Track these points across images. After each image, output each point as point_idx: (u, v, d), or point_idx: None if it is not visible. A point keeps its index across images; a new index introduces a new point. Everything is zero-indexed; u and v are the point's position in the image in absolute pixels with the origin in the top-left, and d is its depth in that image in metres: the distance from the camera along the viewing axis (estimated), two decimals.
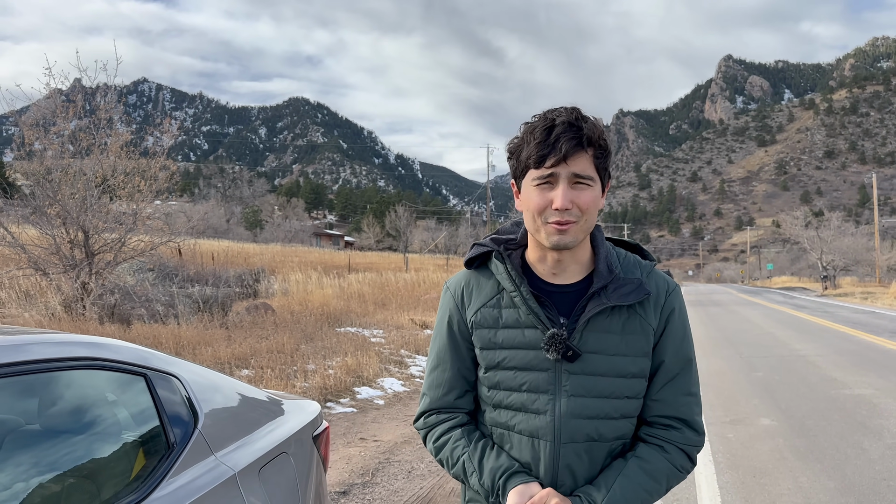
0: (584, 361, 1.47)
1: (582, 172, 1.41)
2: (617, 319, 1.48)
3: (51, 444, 1.85)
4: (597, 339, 1.47)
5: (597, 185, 1.44)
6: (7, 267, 12.53)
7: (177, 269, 16.70)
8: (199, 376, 2.23)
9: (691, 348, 1.55)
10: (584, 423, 1.48)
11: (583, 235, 1.46)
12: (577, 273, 1.52)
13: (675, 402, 1.52)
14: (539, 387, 1.49)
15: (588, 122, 1.42)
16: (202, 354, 9.03)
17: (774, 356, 12.19)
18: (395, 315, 15.55)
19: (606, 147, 1.45)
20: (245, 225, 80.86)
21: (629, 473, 1.46)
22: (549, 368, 1.48)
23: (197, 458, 1.96)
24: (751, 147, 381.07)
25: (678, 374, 1.53)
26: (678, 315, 1.54)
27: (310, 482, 2.50)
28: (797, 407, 7.79)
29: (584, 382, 1.47)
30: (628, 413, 1.51)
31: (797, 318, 21.88)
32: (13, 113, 13.39)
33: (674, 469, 1.51)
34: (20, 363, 1.67)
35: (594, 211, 1.44)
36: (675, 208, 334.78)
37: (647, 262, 1.58)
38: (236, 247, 41.06)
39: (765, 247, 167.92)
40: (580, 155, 1.40)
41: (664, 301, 1.52)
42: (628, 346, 1.48)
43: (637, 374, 1.49)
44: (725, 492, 4.92)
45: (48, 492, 1.71)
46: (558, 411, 1.47)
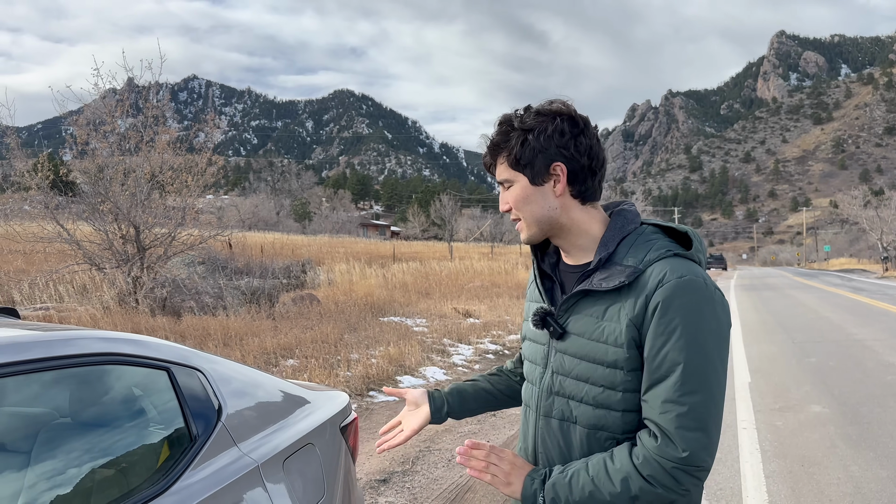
0: (569, 341, 1.49)
1: (501, 179, 1.53)
2: (601, 304, 1.45)
3: (80, 436, 1.91)
4: (581, 321, 1.48)
5: (518, 181, 1.50)
6: (65, 262, 12.99)
7: (226, 262, 17.05)
8: (224, 369, 2.26)
9: (685, 350, 1.34)
10: (559, 399, 1.51)
11: (535, 228, 1.52)
12: (585, 255, 1.54)
13: (656, 408, 1.37)
14: (537, 359, 1.59)
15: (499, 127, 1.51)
16: (249, 345, 9.21)
17: (829, 341, 11.83)
18: (438, 304, 15.59)
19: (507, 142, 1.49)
20: (294, 217, 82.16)
21: (591, 463, 1.42)
22: (545, 343, 1.56)
23: (219, 450, 1.99)
24: (806, 125, 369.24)
25: (664, 378, 1.36)
26: (667, 309, 1.36)
27: (337, 473, 2.52)
28: (851, 393, 7.54)
29: (565, 361, 1.50)
30: (607, 403, 1.44)
31: (855, 302, 21.17)
32: (68, 114, 13.83)
33: (638, 475, 1.36)
34: (47, 359, 1.72)
35: (523, 204, 1.50)
36: (728, 190, 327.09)
37: (664, 250, 1.44)
38: (285, 238, 41.77)
39: (822, 228, 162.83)
40: (497, 165, 1.53)
41: (652, 293, 1.38)
42: (605, 333, 1.43)
43: (613, 365, 1.41)
44: (771, 481, 4.80)
45: (77, 482, 1.77)
46: (543, 385, 1.55)
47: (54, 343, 1.79)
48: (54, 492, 1.71)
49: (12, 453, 1.81)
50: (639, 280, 1.41)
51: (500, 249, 49.39)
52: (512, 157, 1.49)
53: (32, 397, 1.85)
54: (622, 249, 1.47)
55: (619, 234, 1.49)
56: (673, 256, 1.43)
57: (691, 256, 1.46)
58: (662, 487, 1.36)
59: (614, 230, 1.50)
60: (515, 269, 28.07)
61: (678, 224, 1.54)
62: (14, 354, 1.66)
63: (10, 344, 1.71)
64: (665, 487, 1.36)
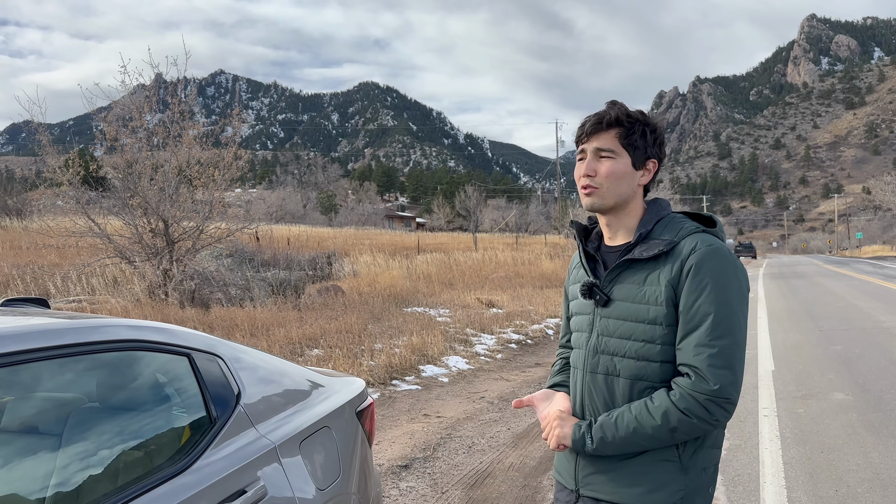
0: (612, 307, 1.76)
1: (602, 146, 1.75)
2: (642, 272, 1.72)
3: (108, 419, 2.02)
4: (624, 288, 1.75)
5: (622, 157, 1.75)
6: (97, 256, 13.30)
7: (254, 255, 17.29)
8: (243, 355, 2.37)
9: (715, 303, 1.63)
10: (603, 357, 1.77)
11: (610, 200, 1.76)
12: (627, 236, 1.81)
13: (690, 352, 1.64)
14: (583, 327, 1.84)
15: (614, 107, 1.77)
16: (275, 335, 9.38)
17: (856, 329, 11.69)
18: (461, 295, 15.68)
19: (633, 126, 1.76)
20: (320, 210, 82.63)
21: (633, 406, 1.69)
22: (590, 312, 1.82)
23: (238, 431, 2.09)
24: (838, 110, 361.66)
25: (697, 327, 1.64)
26: (700, 270, 1.65)
27: (354, 456, 2.61)
28: (875, 381, 7.48)
29: (609, 324, 1.76)
30: (647, 356, 1.70)
31: (886, 289, 20.82)
32: (97, 111, 14.11)
33: (676, 410, 1.62)
34: (76, 345, 1.83)
35: (616, 178, 1.75)
36: (758, 177, 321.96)
37: (693, 226, 1.75)
38: (311, 231, 42.08)
39: (854, 215, 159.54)
40: (601, 133, 1.76)
41: (687, 257, 1.67)
42: (646, 296, 1.70)
43: (653, 321, 1.69)
44: (790, 467, 4.81)
45: (106, 462, 1.88)
46: (589, 346, 1.80)
47: (82, 330, 1.90)
48: (85, 472, 1.82)
49: (45, 436, 1.93)
50: (674, 249, 1.70)
51: (525, 240, 49.29)
52: (628, 138, 1.75)
53: (63, 383, 1.96)
54: (658, 229, 1.76)
55: (655, 217, 1.79)
56: (702, 232, 1.74)
57: (716, 233, 1.77)
58: (697, 418, 1.62)
59: (651, 214, 1.81)
60: (539, 259, 28.03)
61: (703, 212, 1.89)
62: (45, 340, 1.77)
63: (41, 331, 1.82)
64: (699, 418, 1.62)
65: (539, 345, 11.15)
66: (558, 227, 58.54)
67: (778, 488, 4.45)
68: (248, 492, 1.97)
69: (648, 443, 1.67)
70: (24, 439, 1.92)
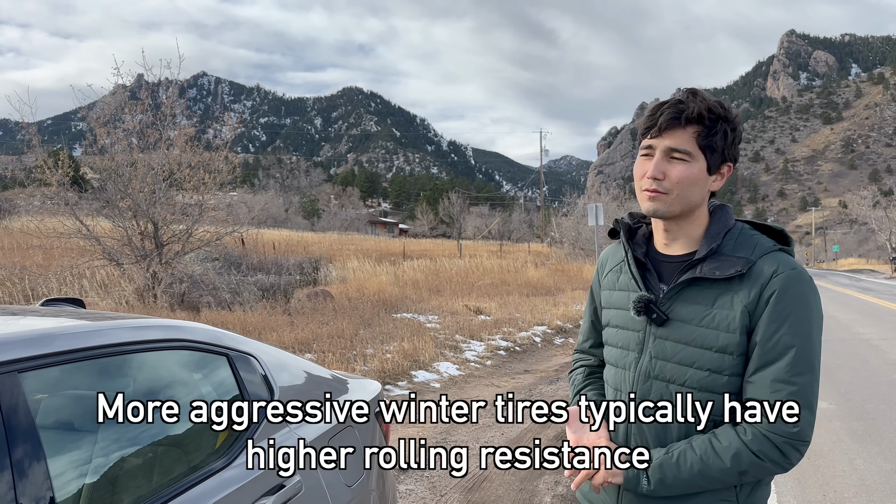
0: (671, 327, 1.55)
1: (676, 146, 1.50)
2: (710, 292, 1.52)
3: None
4: (686, 308, 1.54)
5: (697, 161, 1.52)
6: (84, 258, 13.23)
7: (241, 259, 17.28)
8: (271, 356, 2.46)
9: (797, 336, 1.46)
10: (657, 383, 1.56)
11: (678, 208, 1.53)
12: (687, 245, 1.60)
13: (766, 388, 1.47)
14: (629, 345, 1.62)
15: (695, 99, 1.51)
16: (268, 339, 9.42)
17: (836, 339, 11.96)
18: (449, 301, 15.79)
19: (714, 125, 1.51)
20: (303, 214, 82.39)
21: (695, 444, 1.50)
22: (640, 330, 1.60)
23: (274, 430, 2.19)
24: (815, 125, 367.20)
25: (775, 360, 1.46)
26: (782, 297, 1.47)
27: (374, 454, 2.71)
28: (857, 391, 7.70)
29: (667, 347, 1.55)
30: (710, 387, 1.51)
31: (862, 301, 21.25)
32: (82, 109, 14.05)
33: (748, 451, 1.45)
34: (121, 344, 1.91)
35: (688, 186, 1.51)
36: (737, 189, 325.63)
37: (770, 244, 1.55)
38: (295, 235, 42.03)
39: (831, 228, 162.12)
40: (677, 130, 1.50)
41: (767, 281, 1.48)
42: (716, 320, 1.50)
43: (722, 350, 1.49)
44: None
45: (144, 459, 1.95)
46: (639, 370, 1.59)
47: (125, 330, 1.97)
48: (121, 466, 1.90)
49: (81, 432, 2.00)
50: (751, 271, 1.49)
51: (509, 248, 49.53)
52: (708, 139, 1.51)
53: (103, 380, 2.03)
54: (727, 243, 1.55)
55: (723, 229, 1.57)
56: (780, 251, 1.54)
57: (791, 252, 1.58)
58: (770, 461, 1.46)
59: (720, 224, 1.58)
60: (524, 267, 28.22)
61: (773, 223, 1.66)
62: (89, 340, 1.83)
63: (87, 331, 1.88)
64: (773, 461, 1.46)
65: (527, 352, 11.28)
66: (541, 235, 58.85)
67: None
68: (285, 486, 2.06)
69: (711, 485, 1.50)
70: (66, 436, 1.99)
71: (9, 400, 1.47)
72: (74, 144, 56.32)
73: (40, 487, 1.48)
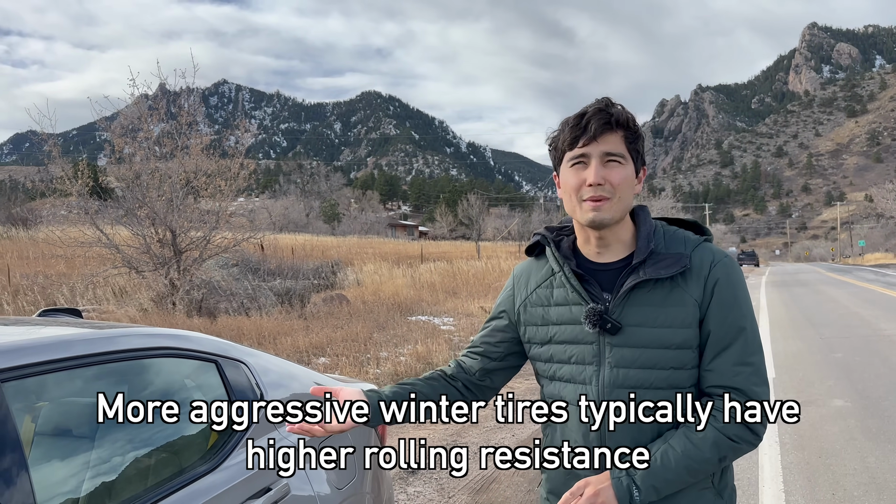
0: (626, 334, 1.55)
1: (613, 150, 1.52)
2: (659, 292, 1.54)
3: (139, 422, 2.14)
4: (638, 312, 1.55)
5: (629, 164, 1.55)
6: (104, 266, 13.45)
7: (259, 264, 17.45)
8: (265, 362, 2.51)
9: (745, 317, 1.54)
10: (626, 392, 1.55)
11: (619, 213, 1.55)
12: (620, 251, 1.61)
13: (727, 372, 1.52)
14: (585, 359, 1.59)
15: (617, 108, 1.55)
16: (282, 344, 9.52)
17: (857, 336, 11.80)
18: (465, 303, 15.81)
19: (637, 130, 1.56)
20: (323, 218, 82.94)
21: (674, 442, 1.51)
22: (593, 341, 1.58)
23: (262, 434, 2.23)
24: (839, 118, 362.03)
25: (730, 344, 1.52)
26: (726, 285, 1.54)
27: (367, 458, 2.75)
28: (874, 388, 7.60)
29: (627, 354, 1.55)
30: (677, 384, 1.54)
31: (887, 297, 20.91)
32: (102, 120, 14.29)
33: (724, 438, 1.49)
34: (114, 352, 1.96)
35: (627, 189, 1.54)
36: (760, 185, 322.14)
37: (695, 237, 1.61)
38: (315, 240, 42.31)
39: (857, 223, 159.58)
40: (610, 134, 1.52)
41: (708, 272, 1.54)
42: (670, 318, 1.53)
43: (681, 346, 1.53)
44: (788, 472, 4.93)
45: (137, 463, 2.01)
46: (602, 381, 1.57)
47: (118, 338, 2.03)
48: (116, 471, 1.95)
49: (79, 438, 2.06)
50: (691, 264, 1.55)
51: None
52: (634, 143, 1.56)
53: (98, 388, 2.09)
54: (658, 242, 1.59)
55: (650, 229, 1.61)
56: (705, 242, 1.62)
57: (712, 241, 1.65)
58: (745, 443, 1.51)
59: (647, 225, 1.62)
60: None
61: (684, 217, 1.74)
62: (83, 349, 1.89)
63: (80, 340, 1.94)
64: (748, 442, 1.52)
65: None
66: None
67: (776, 492, 4.57)
68: (272, 489, 2.11)
69: (696, 477, 1.53)
70: (62, 441, 2.05)
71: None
72: (99, 154, 57.30)
73: (27, 495, 1.53)
